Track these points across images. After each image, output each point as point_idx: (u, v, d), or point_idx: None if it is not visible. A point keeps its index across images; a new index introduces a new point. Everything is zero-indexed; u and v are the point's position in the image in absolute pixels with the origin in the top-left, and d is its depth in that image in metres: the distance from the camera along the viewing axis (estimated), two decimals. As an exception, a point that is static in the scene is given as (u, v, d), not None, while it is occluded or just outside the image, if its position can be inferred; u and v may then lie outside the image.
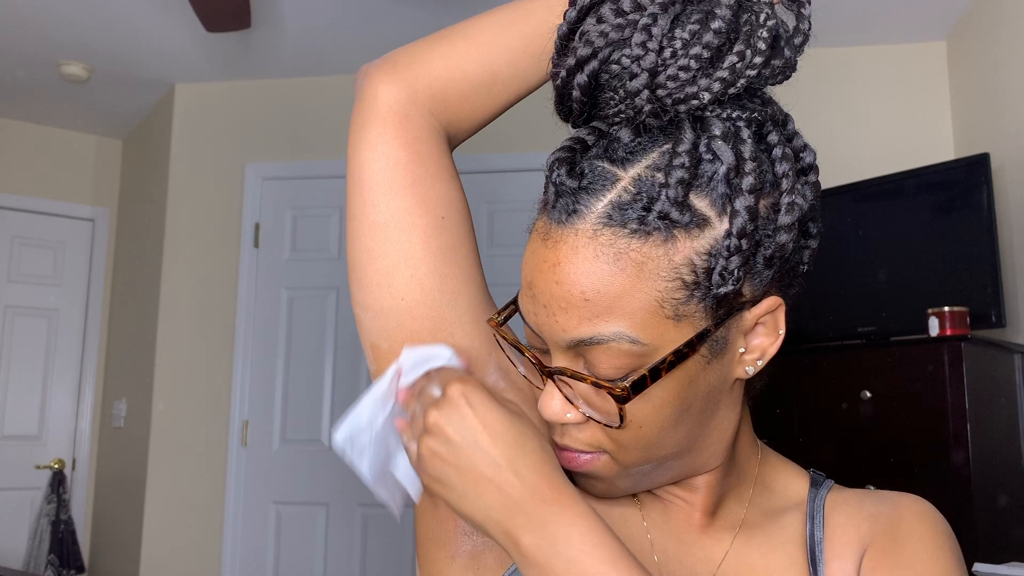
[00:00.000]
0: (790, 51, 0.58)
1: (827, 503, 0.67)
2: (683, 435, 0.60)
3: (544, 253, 0.57)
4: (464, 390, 0.58)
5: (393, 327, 0.68)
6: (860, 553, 0.64)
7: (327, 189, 3.60)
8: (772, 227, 0.57)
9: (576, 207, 0.55)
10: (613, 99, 0.56)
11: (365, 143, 0.68)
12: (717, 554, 0.66)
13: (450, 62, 0.69)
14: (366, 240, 0.68)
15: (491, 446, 0.56)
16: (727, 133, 0.55)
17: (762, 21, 0.56)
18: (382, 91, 0.68)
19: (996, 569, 1.88)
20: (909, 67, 3.18)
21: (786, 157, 0.57)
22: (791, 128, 0.61)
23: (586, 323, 0.55)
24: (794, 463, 0.72)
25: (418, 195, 0.67)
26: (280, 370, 3.55)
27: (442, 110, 0.70)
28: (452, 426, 0.57)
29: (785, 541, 0.66)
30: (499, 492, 0.56)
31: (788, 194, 0.57)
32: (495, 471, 0.56)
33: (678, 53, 0.54)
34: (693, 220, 0.54)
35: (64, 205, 4.25)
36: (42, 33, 3.25)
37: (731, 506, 0.67)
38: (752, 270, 0.57)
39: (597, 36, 0.56)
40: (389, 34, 3.27)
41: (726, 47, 0.55)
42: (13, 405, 4.07)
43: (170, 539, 3.49)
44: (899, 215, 2.65)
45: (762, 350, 0.60)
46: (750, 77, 0.55)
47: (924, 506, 0.66)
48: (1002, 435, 2.28)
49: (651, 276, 0.54)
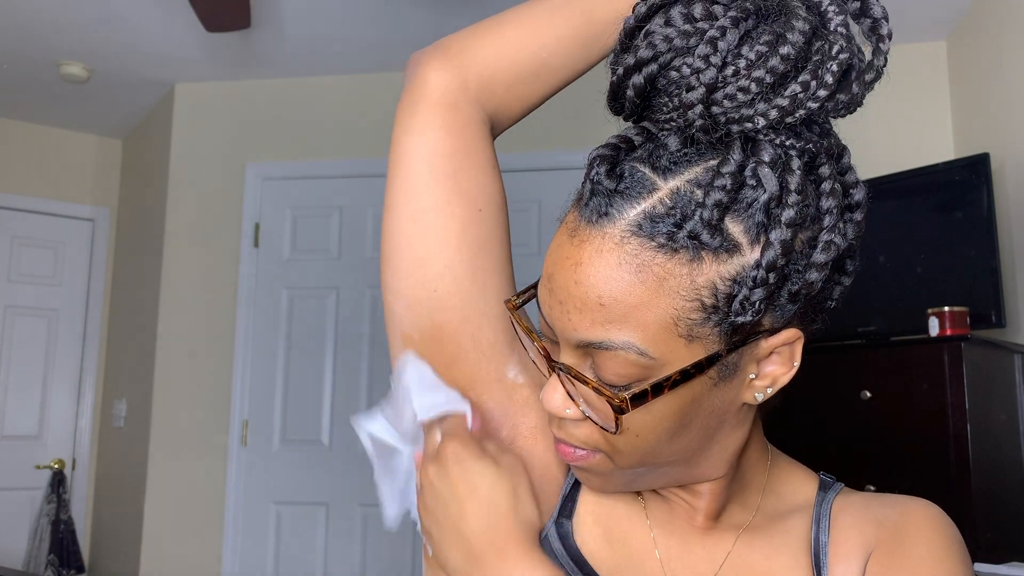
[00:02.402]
0: (859, 87, 0.55)
1: (834, 507, 0.67)
2: (681, 448, 0.59)
3: (568, 249, 0.56)
4: (454, 448, 0.62)
5: (424, 317, 0.68)
6: (865, 558, 0.63)
7: (327, 189, 3.60)
8: (804, 263, 0.55)
9: (608, 210, 0.54)
10: (667, 105, 0.55)
11: (412, 129, 0.68)
12: (719, 554, 0.65)
13: (500, 50, 0.68)
14: (404, 227, 0.68)
15: (465, 503, 0.60)
16: (776, 160, 0.53)
17: (834, 53, 0.53)
18: (433, 78, 0.68)
19: (996, 569, 1.88)
20: (909, 67, 3.18)
21: (834, 193, 0.55)
22: (846, 162, 0.59)
23: (598, 327, 0.54)
24: (804, 466, 0.71)
25: (459, 186, 0.67)
26: (280, 370, 3.55)
27: (489, 98, 0.69)
28: (439, 482, 0.61)
29: (789, 544, 0.65)
30: (464, 547, 0.59)
31: (829, 231, 0.55)
32: (460, 527, 0.60)
33: (740, 73, 0.52)
34: (723, 245, 0.53)
35: (64, 205, 4.25)
36: (42, 33, 3.25)
37: (736, 510, 0.67)
38: (775, 303, 0.55)
39: (661, 40, 0.54)
40: (390, 34, 3.27)
41: (792, 74, 0.53)
42: (13, 405, 4.07)
43: (170, 539, 3.49)
44: (899, 215, 2.65)
45: (773, 378, 0.59)
46: (811, 109, 0.53)
47: (932, 510, 0.65)
48: (1002, 435, 2.28)
49: (670, 293, 0.53)
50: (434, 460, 0.62)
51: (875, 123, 3.14)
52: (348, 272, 3.55)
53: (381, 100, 3.60)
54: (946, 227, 2.55)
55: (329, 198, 3.60)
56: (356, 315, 3.52)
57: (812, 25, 0.53)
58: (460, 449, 0.61)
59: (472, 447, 0.62)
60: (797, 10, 0.54)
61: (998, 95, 2.78)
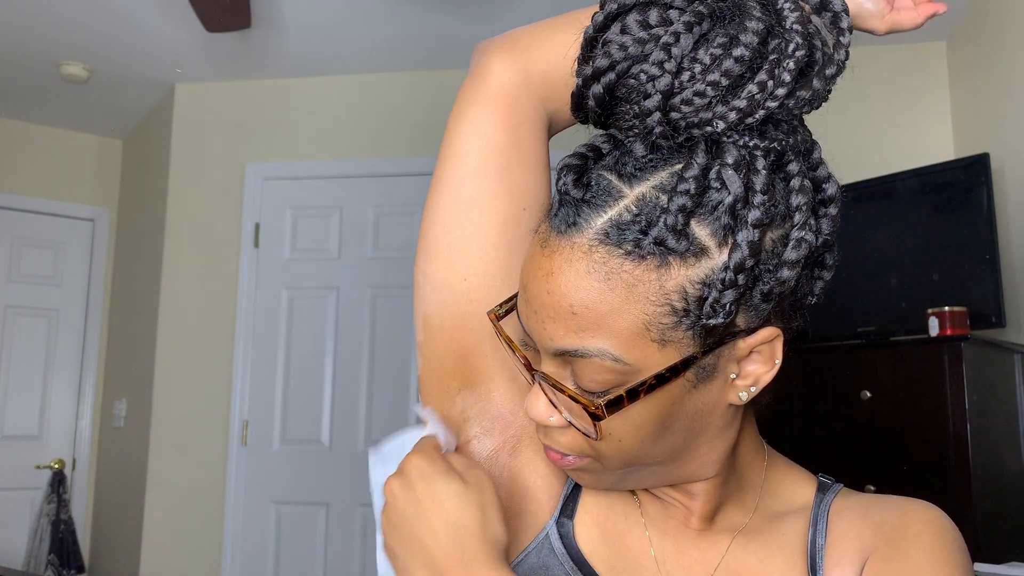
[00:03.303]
0: (820, 82, 0.55)
1: (832, 509, 0.66)
2: (665, 449, 0.59)
3: (540, 260, 0.56)
4: (418, 463, 0.60)
5: (449, 304, 0.68)
6: (862, 562, 0.62)
7: (327, 189, 3.60)
8: (775, 262, 0.55)
9: (576, 219, 0.55)
10: (628, 113, 0.55)
11: (470, 117, 0.68)
12: (714, 556, 0.65)
13: (570, 51, 0.66)
14: (446, 213, 0.68)
15: (430, 519, 0.59)
16: (740, 162, 0.53)
17: (791, 51, 0.53)
18: (497, 70, 0.68)
19: (996, 569, 1.88)
20: (909, 67, 3.18)
21: (803, 190, 0.55)
22: (816, 157, 0.59)
23: (572, 335, 0.55)
24: (802, 468, 0.71)
25: (507, 182, 0.67)
26: (280, 370, 3.55)
27: (552, 98, 0.69)
28: (401, 498, 0.60)
29: (784, 546, 0.65)
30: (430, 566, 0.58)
31: (799, 228, 0.55)
32: (425, 544, 0.58)
33: (696, 77, 0.53)
34: (690, 249, 0.53)
35: (64, 205, 4.25)
36: (42, 33, 3.25)
37: (731, 512, 0.67)
38: (748, 303, 0.55)
39: (617, 48, 0.54)
40: (389, 34, 3.27)
41: (748, 75, 0.53)
42: (13, 405, 4.07)
43: (170, 539, 3.49)
44: (899, 215, 2.65)
45: (756, 377, 0.59)
46: (770, 108, 0.53)
47: (932, 513, 0.64)
48: (1002, 435, 2.28)
49: (640, 299, 0.53)
50: (398, 475, 0.61)
51: (875, 123, 3.14)
52: (348, 272, 3.55)
53: (381, 100, 3.60)
54: (946, 227, 2.55)
55: (329, 198, 3.60)
56: (356, 315, 3.52)
57: (767, 24, 0.53)
58: (425, 465, 0.60)
59: (438, 463, 0.61)
60: (752, 10, 0.54)
61: (998, 95, 2.78)
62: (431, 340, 0.70)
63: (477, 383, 0.68)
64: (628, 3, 0.55)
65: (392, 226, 3.54)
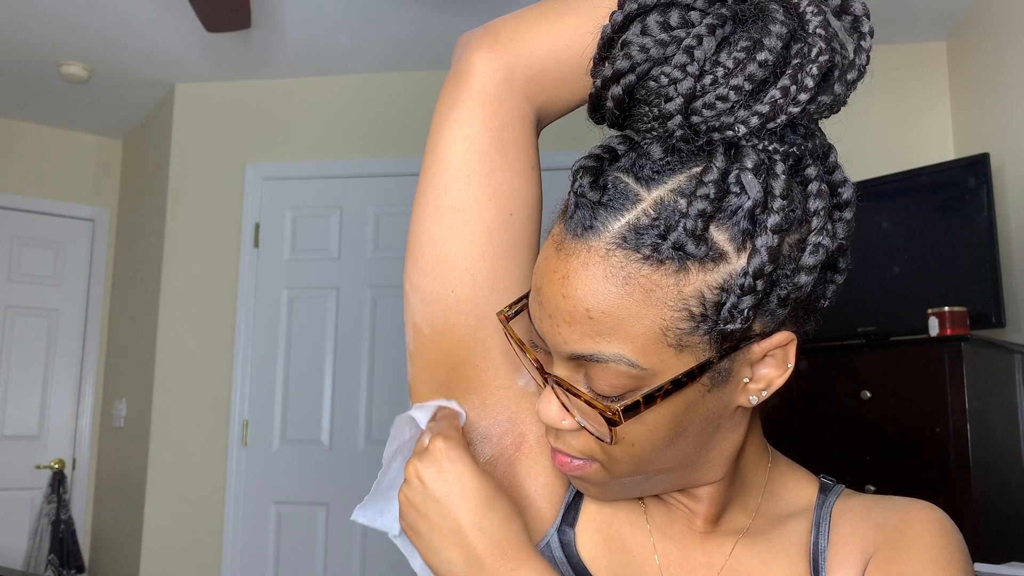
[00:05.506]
0: (841, 88, 0.54)
1: (834, 511, 0.66)
2: (677, 454, 0.59)
3: (555, 263, 0.55)
4: (446, 446, 0.60)
5: (437, 314, 0.67)
6: (864, 563, 0.63)
7: (327, 189, 3.60)
8: (793, 267, 0.54)
9: (593, 222, 0.54)
10: (647, 115, 0.54)
11: (451, 120, 0.66)
12: (718, 559, 0.65)
13: (556, 40, 0.65)
14: (430, 222, 0.66)
15: (461, 502, 0.58)
16: (760, 166, 0.52)
17: (814, 56, 0.52)
18: (478, 67, 0.65)
19: (996, 569, 1.88)
20: (909, 67, 3.18)
21: (821, 194, 0.54)
22: (832, 161, 0.58)
23: (588, 340, 0.54)
24: (805, 469, 0.71)
25: (492, 187, 0.65)
26: (280, 370, 3.55)
27: (538, 92, 0.66)
28: (429, 479, 0.59)
29: (788, 548, 0.65)
30: (462, 547, 0.58)
31: (817, 234, 0.54)
32: (460, 526, 0.58)
33: (719, 81, 0.52)
34: (709, 254, 0.52)
35: (64, 205, 4.25)
36: (42, 33, 3.25)
37: (735, 514, 0.66)
38: (765, 308, 0.55)
39: (638, 50, 0.53)
40: (389, 34, 3.27)
41: (771, 80, 0.52)
42: (13, 405, 4.07)
43: (170, 539, 3.49)
44: (899, 215, 2.65)
45: (768, 381, 0.58)
46: (792, 113, 0.52)
47: (934, 514, 0.64)
48: (1002, 435, 2.28)
49: (658, 304, 0.52)
50: (423, 456, 0.60)
51: (875, 123, 3.14)
52: (348, 272, 3.55)
53: (381, 100, 3.60)
54: (946, 227, 2.55)
55: (329, 198, 3.60)
56: (356, 315, 3.52)
57: (790, 28, 0.52)
58: (452, 447, 0.60)
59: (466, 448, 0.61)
60: (774, 14, 0.53)
61: (998, 95, 2.78)
62: (422, 350, 0.68)
63: (470, 393, 0.68)
64: (648, 3, 0.54)
65: (392, 226, 3.54)
